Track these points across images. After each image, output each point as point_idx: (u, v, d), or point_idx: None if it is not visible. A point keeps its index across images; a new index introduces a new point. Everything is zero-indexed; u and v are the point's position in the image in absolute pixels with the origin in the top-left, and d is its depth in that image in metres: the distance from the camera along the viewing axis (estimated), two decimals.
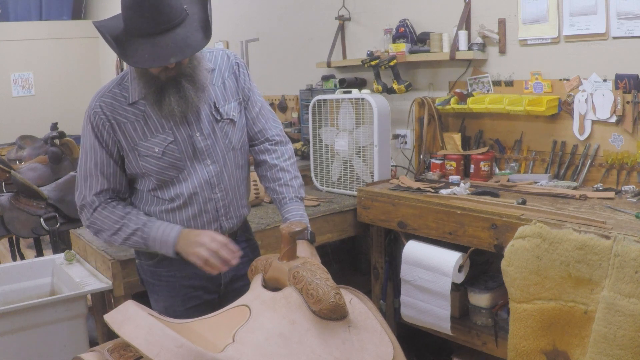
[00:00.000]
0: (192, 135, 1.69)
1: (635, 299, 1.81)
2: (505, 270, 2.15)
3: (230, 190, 1.78)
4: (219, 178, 1.75)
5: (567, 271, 1.99)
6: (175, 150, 1.68)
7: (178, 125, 1.67)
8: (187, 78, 1.61)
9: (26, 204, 3.30)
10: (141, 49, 1.50)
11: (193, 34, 1.52)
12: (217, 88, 1.75)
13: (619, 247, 1.87)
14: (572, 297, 2.01)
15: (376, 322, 1.50)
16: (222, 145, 1.75)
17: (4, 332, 2.17)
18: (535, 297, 2.08)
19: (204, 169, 1.72)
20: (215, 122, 1.73)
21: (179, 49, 1.50)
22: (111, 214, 1.69)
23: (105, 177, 1.70)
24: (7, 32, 7.07)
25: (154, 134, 1.67)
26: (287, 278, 1.48)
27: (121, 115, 1.66)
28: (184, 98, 1.61)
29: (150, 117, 1.66)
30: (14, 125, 6.71)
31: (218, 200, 1.76)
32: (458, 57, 3.05)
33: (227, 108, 1.75)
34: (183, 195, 1.72)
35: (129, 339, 1.20)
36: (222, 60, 1.79)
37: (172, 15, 1.50)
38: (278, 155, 1.87)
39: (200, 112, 1.70)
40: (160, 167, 1.69)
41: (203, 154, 1.72)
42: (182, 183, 1.71)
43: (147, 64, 1.51)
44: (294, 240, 1.55)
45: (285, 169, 1.85)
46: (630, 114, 2.52)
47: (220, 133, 1.74)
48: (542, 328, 2.09)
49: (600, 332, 1.87)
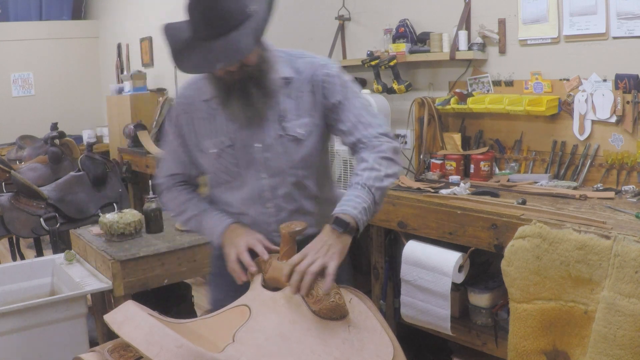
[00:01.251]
0: (252, 144, 1.62)
1: (635, 299, 1.81)
2: (505, 270, 2.15)
3: (285, 208, 1.67)
4: (273, 193, 1.65)
5: (567, 271, 1.99)
6: (232, 156, 1.63)
7: (241, 130, 1.61)
8: (254, 82, 1.54)
9: (26, 204, 3.30)
10: (195, 54, 1.47)
11: (246, 37, 1.42)
12: (290, 100, 1.61)
13: (619, 247, 1.87)
14: (572, 297, 2.01)
15: (376, 321, 1.49)
16: (282, 161, 1.63)
17: (4, 332, 2.17)
18: (535, 297, 2.08)
19: (258, 181, 1.64)
20: (278, 135, 1.61)
21: (226, 55, 1.42)
22: (176, 198, 1.76)
23: (177, 164, 1.75)
24: (7, 32, 7.07)
25: (216, 134, 1.64)
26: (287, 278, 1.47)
27: (196, 109, 1.67)
28: (248, 104, 1.55)
29: (217, 117, 1.63)
30: (14, 125, 6.70)
31: (270, 215, 1.67)
32: (458, 57, 3.05)
33: (294, 124, 1.61)
34: (236, 203, 1.69)
35: (129, 339, 1.20)
36: (306, 69, 1.63)
37: (227, 18, 1.42)
38: (366, 149, 1.61)
39: (265, 122, 1.60)
40: (215, 169, 1.68)
41: (260, 166, 1.63)
42: (235, 191, 1.68)
43: (193, 70, 1.48)
44: (294, 240, 1.55)
45: (364, 159, 1.58)
46: (630, 114, 2.52)
47: (282, 148, 1.62)
48: (542, 328, 2.09)
49: (600, 332, 1.87)
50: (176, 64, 1.51)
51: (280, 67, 1.60)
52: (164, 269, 2.35)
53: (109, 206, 3.53)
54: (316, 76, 1.62)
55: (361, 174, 1.54)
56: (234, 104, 1.56)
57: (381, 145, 1.60)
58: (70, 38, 7.48)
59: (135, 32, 6.58)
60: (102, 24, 7.55)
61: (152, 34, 6.27)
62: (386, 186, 1.57)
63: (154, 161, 4.79)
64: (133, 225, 2.46)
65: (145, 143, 5.07)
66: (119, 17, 7.01)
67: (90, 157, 3.61)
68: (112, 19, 7.22)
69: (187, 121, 1.68)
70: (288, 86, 1.61)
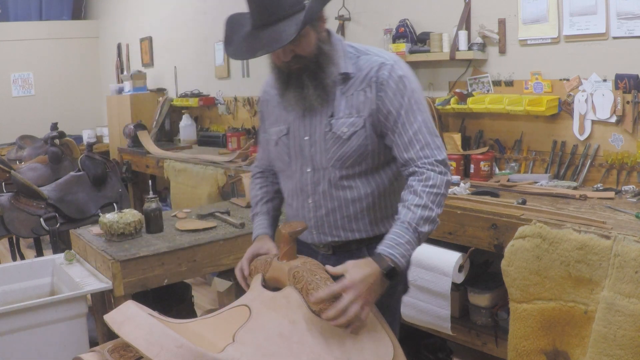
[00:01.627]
0: (302, 136, 1.63)
1: (635, 299, 1.81)
2: (505, 270, 2.15)
3: (324, 206, 1.63)
4: (314, 189, 1.64)
5: (567, 271, 1.99)
6: (285, 145, 1.66)
7: (295, 121, 1.64)
8: (309, 74, 1.53)
9: (26, 204, 3.30)
10: (243, 41, 1.52)
11: (289, 28, 1.43)
12: (344, 97, 1.58)
13: (619, 247, 1.87)
14: (572, 297, 2.01)
15: (376, 321, 1.49)
16: (324, 158, 1.60)
17: (4, 332, 2.17)
18: (535, 297, 2.08)
19: (303, 174, 1.65)
20: (325, 131, 1.59)
21: (267, 43, 1.44)
22: (252, 190, 1.86)
23: (261, 154, 1.85)
24: (7, 32, 7.07)
25: (278, 122, 1.69)
26: (287, 278, 1.48)
27: (271, 99, 1.73)
28: (301, 95, 1.55)
29: (280, 105, 1.67)
30: (14, 125, 6.70)
31: (310, 209, 1.66)
32: (458, 57, 3.05)
33: (341, 122, 1.57)
34: (285, 193, 1.74)
35: (129, 339, 1.20)
36: (365, 67, 1.57)
37: (278, 8, 1.44)
38: (422, 178, 1.51)
39: (317, 116, 1.59)
40: (274, 155, 1.72)
41: (306, 159, 1.63)
42: (287, 180, 1.72)
43: (233, 55, 1.54)
44: (294, 240, 1.55)
45: (417, 193, 1.49)
46: (630, 114, 2.52)
47: (325, 144, 1.59)
48: (542, 328, 2.09)
49: (600, 332, 1.87)
50: (224, 49, 1.57)
51: (343, 62, 1.58)
52: (164, 269, 2.35)
53: (109, 206, 3.52)
54: (372, 76, 1.56)
55: (414, 212, 1.47)
56: (290, 95, 1.57)
57: (436, 178, 1.50)
58: (70, 38, 7.48)
59: (135, 32, 6.59)
60: (102, 24, 7.55)
61: (152, 34, 6.27)
62: (432, 230, 1.51)
63: (154, 161, 4.79)
64: (133, 225, 2.46)
65: (145, 143, 5.07)
66: (119, 17, 7.01)
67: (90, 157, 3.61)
68: (112, 19, 7.22)
69: (265, 111, 1.78)
70: (346, 83, 1.58)
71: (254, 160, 3.89)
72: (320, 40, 1.53)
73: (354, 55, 1.60)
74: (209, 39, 5.33)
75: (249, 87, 4.94)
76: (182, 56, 5.77)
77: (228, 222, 2.69)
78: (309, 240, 1.71)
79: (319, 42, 1.53)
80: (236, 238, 2.53)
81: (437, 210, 1.50)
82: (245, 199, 3.02)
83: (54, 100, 7.20)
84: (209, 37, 5.32)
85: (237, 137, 4.73)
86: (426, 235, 1.51)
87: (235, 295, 2.95)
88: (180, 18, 5.73)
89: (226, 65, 5.17)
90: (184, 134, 5.38)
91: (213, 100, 5.31)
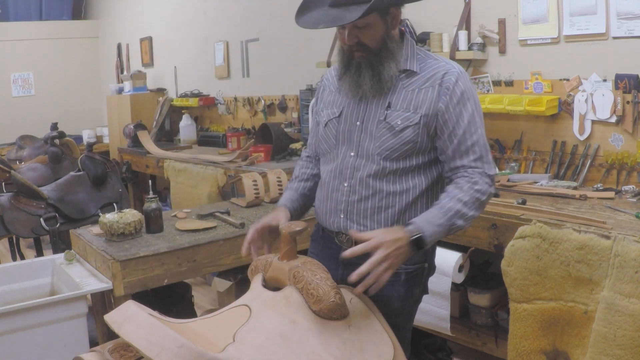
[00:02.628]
0: (354, 121, 1.67)
1: (635, 299, 1.81)
2: (505, 270, 2.15)
3: (359, 192, 1.65)
4: (353, 174, 1.66)
5: (567, 271, 1.99)
6: (334, 128, 1.71)
7: (350, 106, 1.69)
8: (368, 64, 1.60)
9: (26, 204, 3.30)
10: (313, 14, 1.58)
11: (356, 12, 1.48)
12: (405, 92, 1.61)
13: (619, 247, 1.87)
14: (572, 297, 2.01)
15: (376, 321, 1.50)
16: (372, 145, 1.63)
17: (4, 332, 2.17)
18: (535, 297, 2.08)
19: (346, 158, 1.68)
20: (379, 120, 1.63)
21: (332, 20, 1.52)
22: (295, 169, 1.91)
23: (311, 139, 1.89)
24: (7, 32, 7.07)
25: (331, 105, 1.74)
26: (287, 278, 1.48)
27: (330, 84, 1.79)
28: (357, 82, 1.61)
29: (337, 90, 1.73)
30: (14, 125, 6.70)
31: (343, 193, 1.67)
32: (458, 57, 3.05)
33: (397, 114, 1.60)
34: (323, 175, 1.76)
35: (130, 339, 1.20)
36: (434, 70, 1.61)
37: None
38: (470, 180, 1.56)
39: (372, 103, 1.64)
40: (320, 137, 1.76)
41: (352, 144, 1.67)
42: (328, 164, 1.74)
43: (298, 22, 1.60)
44: (294, 240, 1.55)
45: (463, 189, 1.54)
46: (630, 114, 2.52)
47: (377, 133, 1.62)
48: (542, 328, 2.09)
49: (600, 332, 1.87)
50: (295, 17, 1.62)
51: (408, 61, 1.63)
52: (164, 269, 2.35)
53: (109, 206, 3.52)
54: (437, 79, 1.60)
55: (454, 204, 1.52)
56: (346, 79, 1.64)
57: (483, 185, 1.56)
58: (70, 38, 7.48)
59: (135, 32, 6.59)
60: (102, 24, 7.55)
61: (152, 34, 6.27)
62: (463, 227, 1.55)
63: (154, 161, 4.79)
64: (133, 225, 2.46)
65: (145, 143, 5.07)
66: (119, 17, 7.02)
67: (90, 157, 3.61)
68: (112, 19, 7.22)
69: (321, 95, 1.83)
70: (409, 79, 1.63)
71: (254, 160, 3.92)
72: (387, 35, 1.59)
73: (422, 57, 1.65)
74: (209, 39, 5.33)
75: (249, 87, 4.94)
76: (182, 56, 5.78)
77: (228, 222, 2.69)
78: (334, 227, 1.71)
79: (386, 37, 1.59)
80: (236, 238, 2.53)
81: (474, 212, 1.54)
82: (245, 199, 3.02)
83: (54, 100, 7.20)
84: (209, 37, 5.32)
85: (237, 137, 4.73)
86: (456, 230, 1.55)
87: (235, 295, 2.95)
88: (180, 18, 5.73)
89: (226, 65, 5.17)
90: (184, 134, 5.38)
91: (213, 100, 5.32)
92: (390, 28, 1.60)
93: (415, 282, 1.71)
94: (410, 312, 1.77)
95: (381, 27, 1.57)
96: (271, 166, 3.68)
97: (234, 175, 3.71)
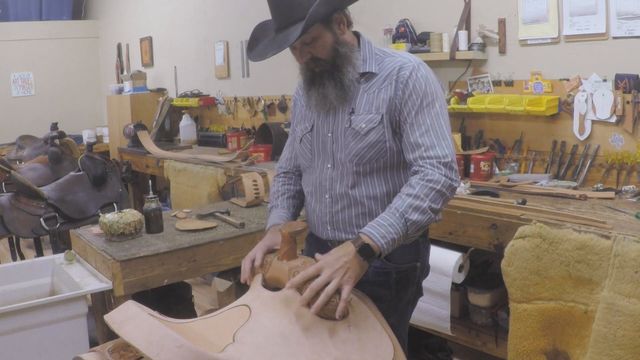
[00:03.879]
0: (325, 133, 1.69)
1: (635, 299, 1.81)
2: (505, 270, 2.15)
3: (340, 201, 1.66)
4: (332, 184, 1.68)
5: (567, 271, 1.99)
6: (309, 142, 1.73)
7: (319, 119, 1.71)
8: (328, 75, 1.60)
9: (26, 204, 3.30)
10: (261, 44, 1.63)
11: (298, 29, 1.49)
12: (366, 95, 1.62)
13: (619, 247, 1.87)
14: (572, 297, 2.01)
15: (376, 321, 1.50)
16: (344, 153, 1.64)
17: (4, 332, 2.17)
18: (535, 297, 2.08)
19: (323, 170, 1.70)
20: (345, 127, 1.64)
21: (277, 45, 1.54)
22: (273, 187, 1.90)
23: (287, 154, 1.91)
24: (7, 32, 7.07)
25: (304, 120, 1.77)
26: (287, 278, 1.48)
27: (299, 98, 1.82)
28: (322, 95, 1.62)
29: (307, 104, 1.75)
30: (14, 125, 6.71)
31: (326, 205, 1.70)
32: (458, 57, 3.05)
33: (361, 118, 1.61)
34: (306, 188, 1.78)
35: (129, 339, 1.20)
36: (390, 67, 1.61)
37: (292, 11, 1.52)
38: (420, 176, 1.52)
39: (339, 113, 1.65)
40: (298, 152, 1.78)
41: (328, 155, 1.68)
42: (308, 176, 1.76)
43: (250, 57, 1.64)
44: (294, 240, 1.55)
45: (411, 185, 1.51)
46: (630, 114, 2.52)
47: (345, 140, 1.63)
48: (542, 328, 2.09)
49: (600, 332, 1.87)
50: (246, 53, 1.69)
51: (365, 63, 1.63)
52: (164, 269, 2.35)
53: (109, 206, 3.52)
54: (393, 75, 1.59)
55: (403, 200, 1.49)
56: (312, 94, 1.65)
57: (434, 175, 1.51)
58: (70, 38, 7.48)
59: (135, 32, 6.59)
60: (102, 24, 7.55)
61: (152, 34, 6.27)
62: (423, 220, 1.50)
63: (154, 161, 4.79)
64: (133, 225, 2.46)
65: (145, 143, 5.07)
66: (119, 17, 7.02)
67: (90, 157, 3.61)
68: (112, 19, 7.22)
69: (294, 111, 1.84)
70: (368, 81, 1.63)
71: (254, 160, 3.92)
72: (337, 42, 1.60)
73: (380, 57, 1.65)
74: (209, 39, 5.33)
75: (249, 87, 4.94)
76: (182, 56, 5.78)
77: (228, 222, 2.69)
78: (324, 237, 1.73)
79: (335, 44, 1.59)
80: (236, 238, 2.53)
81: (429, 202, 1.49)
82: (245, 199, 3.02)
83: (54, 100, 7.20)
84: (209, 37, 5.32)
85: (237, 137, 4.73)
86: (417, 225, 1.50)
87: (235, 295, 2.95)
88: (180, 18, 5.73)
89: (226, 65, 5.17)
90: (184, 134, 5.38)
91: (213, 100, 5.31)
92: (339, 34, 1.60)
93: (408, 282, 1.70)
94: (404, 312, 1.75)
95: (329, 36, 1.58)
96: (271, 166, 3.68)
97: (234, 175, 3.71)
